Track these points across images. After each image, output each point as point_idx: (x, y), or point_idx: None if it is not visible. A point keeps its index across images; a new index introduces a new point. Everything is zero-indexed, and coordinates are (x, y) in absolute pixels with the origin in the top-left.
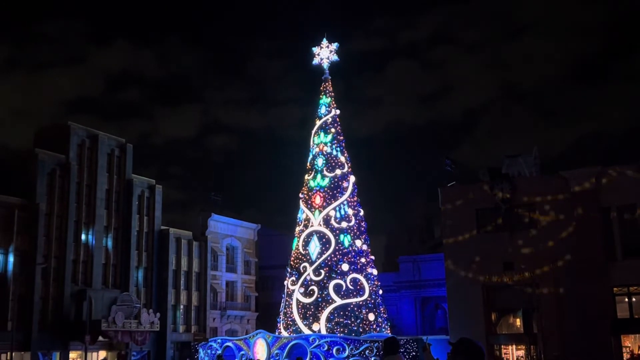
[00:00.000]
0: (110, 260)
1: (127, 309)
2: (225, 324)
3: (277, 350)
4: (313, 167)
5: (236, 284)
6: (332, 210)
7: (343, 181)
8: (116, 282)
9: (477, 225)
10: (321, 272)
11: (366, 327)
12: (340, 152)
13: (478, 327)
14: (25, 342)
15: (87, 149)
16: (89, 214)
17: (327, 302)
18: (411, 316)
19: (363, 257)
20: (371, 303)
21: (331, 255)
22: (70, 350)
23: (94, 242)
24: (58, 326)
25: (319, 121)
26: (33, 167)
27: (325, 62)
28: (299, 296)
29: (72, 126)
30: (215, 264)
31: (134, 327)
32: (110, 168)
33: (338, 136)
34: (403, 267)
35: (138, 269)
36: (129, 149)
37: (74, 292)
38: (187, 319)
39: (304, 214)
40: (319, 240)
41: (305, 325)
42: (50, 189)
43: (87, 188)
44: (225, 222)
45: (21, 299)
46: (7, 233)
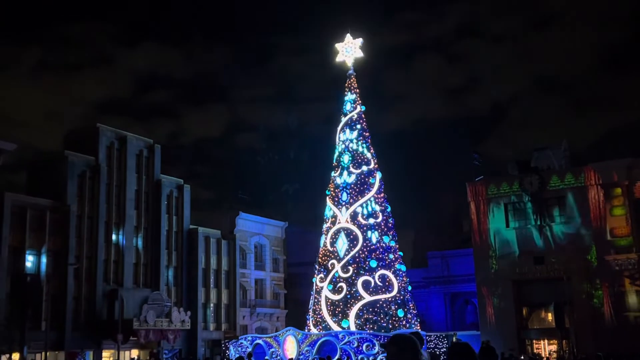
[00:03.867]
0: (140, 260)
1: (158, 307)
2: (255, 321)
3: (306, 347)
4: (339, 164)
5: (265, 282)
6: (359, 206)
7: (369, 177)
8: (147, 281)
9: (506, 220)
10: (349, 268)
11: (395, 324)
12: (366, 149)
13: (509, 322)
14: (59, 342)
15: (116, 150)
16: (119, 214)
17: (355, 298)
18: (441, 312)
19: (391, 253)
20: (400, 299)
21: (359, 251)
22: (103, 349)
23: (125, 242)
24: (91, 325)
25: (344, 118)
26: (63, 169)
27: (350, 58)
28: (327, 293)
29: (101, 128)
30: (244, 262)
31: (165, 325)
32: (139, 169)
33: (364, 132)
34: (432, 263)
35: (168, 268)
36: (157, 150)
37: (106, 291)
38: (217, 317)
39: (331, 211)
40: (347, 237)
41: (334, 322)
42: (80, 191)
43: (117, 189)
44: (252, 220)
45: (54, 299)
46: (40, 234)
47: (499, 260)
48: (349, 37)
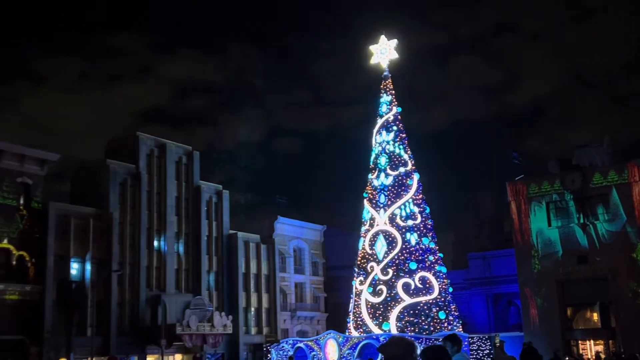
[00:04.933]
0: (182, 266)
1: (200, 312)
2: (296, 325)
3: (347, 350)
4: (376, 166)
5: (305, 285)
6: (397, 208)
7: (407, 179)
8: (188, 286)
9: (548, 219)
10: (389, 271)
11: (437, 326)
12: (403, 150)
13: (553, 322)
14: (104, 347)
15: (156, 157)
16: (160, 221)
17: (396, 301)
18: (483, 313)
19: (431, 254)
20: (441, 301)
21: (398, 254)
22: (147, 354)
23: (166, 248)
24: (135, 331)
25: (380, 120)
26: (105, 177)
27: (385, 59)
28: (367, 296)
29: (141, 136)
30: (283, 266)
31: (207, 330)
32: (178, 175)
33: (400, 134)
34: (473, 264)
35: (209, 273)
36: (196, 156)
37: (149, 297)
38: (258, 320)
39: (369, 213)
40: (385, 239)
41: (375, 325)
42: (122, 198)
43: (157, 196)
44: (291, 224)
45: (99, 305)
46: (84, 242)
47: (542, 260)
48: (384, 39)
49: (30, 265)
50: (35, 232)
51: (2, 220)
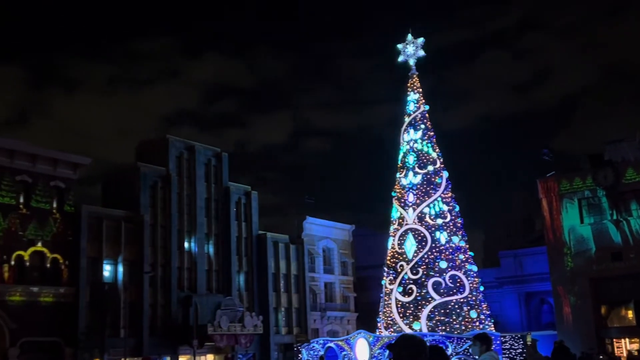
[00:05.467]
0: (212, 266)
1: (231, 312)
2: (326, 325)
3: (378, 350)
4: (404, 164)
5: (334, 285)
6: (426, 207)
7: (436, 177)
8: (219, 287)
9: (580, 215)
10: (419, 270)
11: (468, 325)
12: (431, 148)
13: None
14: (137, 348)
15: (185, 160)
16: (190, 222)
17: (426, 300)
18: (515, 312)
19: (461, 253)
20: (472, 300)
21: (428, 253)
22: (180, 355)
23: (197, 249)
24: (167, 331)
25: (408, 118)
26: (136, 180)
27: (411, 58)
28: (397, 295)
29: (171, 139)
30: (313, 266)
31: (238, 330)
32: (207, 177)
33: (428, 132)
34: (504, 263)
35: (239, 274)
36: (225, 158)
37: (181, 298)
38: (288, 321)
39: (397, 212)
40: (415, 238)
41: (405, 325)
42: (153, 201)
43: (187, 198)
44: (320, 224)
45: (132, 306)
46: (116, 244)
47: (575, 258)
48: (410, 37)
49: (64, 268)
50: (68, 235)
51: (36, 223)
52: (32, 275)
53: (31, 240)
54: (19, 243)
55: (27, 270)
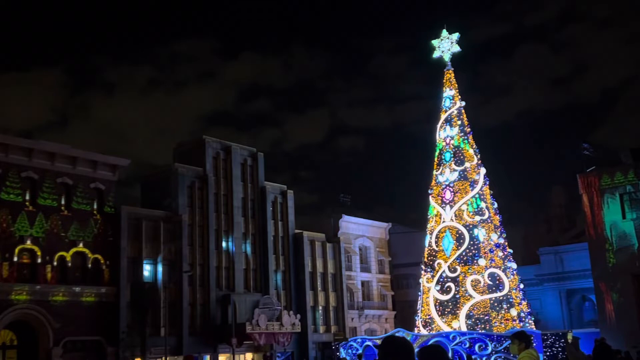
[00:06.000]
0: (250, 265)
1: (269, 311)
2: (364, 323)
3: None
4: (441, 161)
5: (371, 284)
6: (463, 204)
7: (473, 174)
8: (257, 285)
9: (622, 211)
10: (457, 268)
11: (508, 323)
12: (468, 145)
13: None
14: (177, 347)
15: (222, 160)
16: (228, 222)
17: (465, 298)
18: (556, 310)
19: (500, 250)
20: (512, 298)
21: (466, 250)
22: (219, 353)
23: (234, 248)
24: (206, 330)
25: (444, 114)
26: (174, 181)
27: (447, 54)
28: (435, 293)
29: (207, 140)
30: (349, 265)
31: (276, 329)
32: (244, 177)
33: (465, 128)
34: (544, 259)
35: (276, 273)
36: (261, 158)
37: (219, 297)
38: (326, 319)
39: (434, 209)
40: (452, 235)
41: (444, 323)
42: (190, 201)
43: (224, 197)
44: (356, 223)
45: (171, 305)
46: (155, 244)
47: (617, 254)
48: (445, 32)
49: (105, 268)
50: (108, 235)
51: (78, 225)
52: (74, 276)
53: (73, 241)
54: (61, 244)
55: (69, 271)
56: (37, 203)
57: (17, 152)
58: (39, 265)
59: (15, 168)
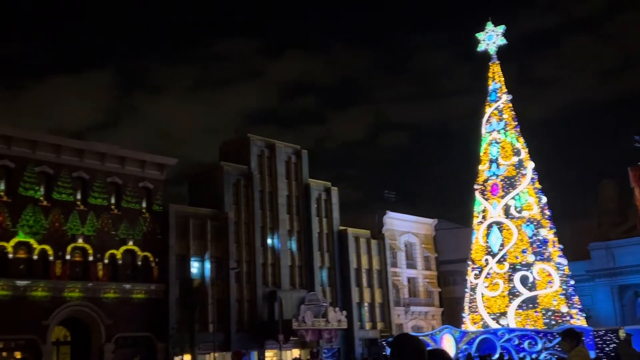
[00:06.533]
0: (295, 262)
1: (315, 307)
2: (410, 320)
3: (465, 346)
4: (487, 156)
5: (417, 280)
6: (511, 199)
7: (520, 168)
8: (302, 282)
9: None
10: (505, 264)
11: (558, 319)
12: (515, 138)
13: None
14: (225, 343)
15: (267, 158)
16: (273, 219)
17: (513, 294)
18: (608, 306)
19: (549, 246)
20: (562, 294)
21: (514, 246)
22: (266, 349)
23: (280, 245)
24: (253, 326)
25: (490, 108)
26: (220, 179)
27: (492, 46)
28: (483, 290)
29: (252, 138)
30: (395, 261)
31: (322, 325)
32: (288, 174)
33: (511, 122)
34: (595, 255)
35: (321, 269)
36: (305, 155)
37: (265, 293)
38: (372, 316)
39: (481, 205)
40: (500, 231)
41: (492, 319)
42: (236, 198)
43: (269, 195)
44: (401, 219)
45: (219, 302)
46: (202, 241)
47: None
48: (490, 25)
49: (154, 265)
50: (157, 233)
51: (127, 223)
52: (124, 273)
53: (123, 239)
54: (111, 242)
55: (119, 268)
56: (88, 202)
57: (69, 152)
58: (91, 263)
59: (67, 168)
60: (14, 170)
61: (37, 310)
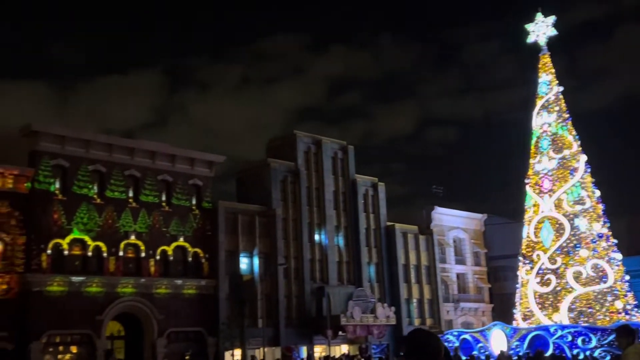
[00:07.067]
0: (343, 258)
1: (363, 303)
2: (460, 316)
3: (516, 342)
4: (538, 149)
5: (466, 276)
6: (563, 193)
7: (573, 161)
8: (350, 278)
9: None
10: (557, 259)
11: (613, 316)
12: (566, 131)
13: None
14: (274, 338)
15: (313, 154)
16: (320, 215)
17: (566, 290)
18: None
19: (603, 240)
20: (617, 290)
21: (566, 241)
22: (315, 345)
23: (327, 241)
24: (301, 322)
25: (540, 100)
26: (267, 175)
27: (542, 37)
28: (535, 286)
29: (298, 134)
30: (443, 257)
31: (370, 321)
32: (335, 170)
33: (563, 114)
34: None
35: (369, 265)
36: (351, 151)
37: (313, 289)
38: (421, 312)
39: (532, 199)
40: (552, 226)
41: (544, 316)
42: (283, 195)
43: (316, 191)
44: (449, 214)
45: (268, 297)
46: (251, 238)
47: None
48: (540, 16)
49: (204, 261)
50: (207, 230)
51: (178, 220)
52: (175, 269)
53: (174, 235)
54: (162, 239)
55: (171, 264)
56: (139, 200)
57: (121, 151)
58: (143, 260)
59: (119, 167)
60: (68, 170)
61: (92, 305)
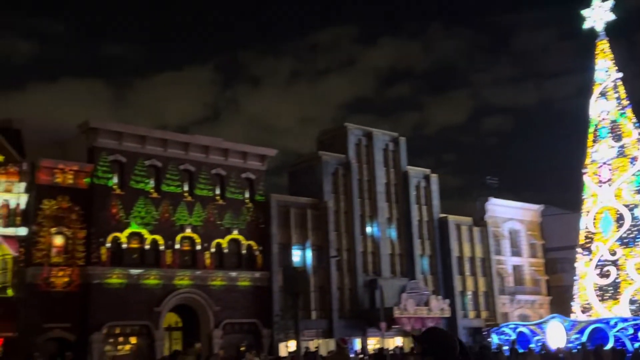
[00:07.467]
0: (395, 250)
1: (417, 296)
2: (516, 308)
3: (575, 335)
4: (596, 138)
5: (522, 268)
6: (623, 182)
7: (633, 149)
8: (403, 270)
9: None
10: (617, 250)
11: None
12: (626, 118)
13: None
14: (327, 330)
15: (364, 146)
16: (372, 207)
17: (627, 282)
18: None
19: None
20: None
21: (627, 231)
22: (368, 337)
23: (379, 233)
24: (354, 314)
25: (598, 87)
26: (319, 168)
27: (599, 23)
28: (594, 277)
29: (349, 127)
30: (499, 249)
31: (424, 314)
32: (386, 162)
33: (622, 101)
34: None
35: (422, 257)
36: (402, 142)
37: (366, 281)
38: (476, 304)
39: (590, 189)
40: (611, 216)
41: (604, 308)
42: (335, 187)
43: (367, 183)
44: (504, 206)
45: (321, 290)
46: (303, 230)
47: None
48: (597, 1)
49: (258, 254)
50: (260, 223)
51: (232, 213)
52: (230, 261)
53: (228, 228)
54: (217, 232)
55: (225, 257)
56: (194, 193)
57: (175, 146)
58: (198, 252)
59: (174, 161)
60: (125, 165)
61: (150, 297)
